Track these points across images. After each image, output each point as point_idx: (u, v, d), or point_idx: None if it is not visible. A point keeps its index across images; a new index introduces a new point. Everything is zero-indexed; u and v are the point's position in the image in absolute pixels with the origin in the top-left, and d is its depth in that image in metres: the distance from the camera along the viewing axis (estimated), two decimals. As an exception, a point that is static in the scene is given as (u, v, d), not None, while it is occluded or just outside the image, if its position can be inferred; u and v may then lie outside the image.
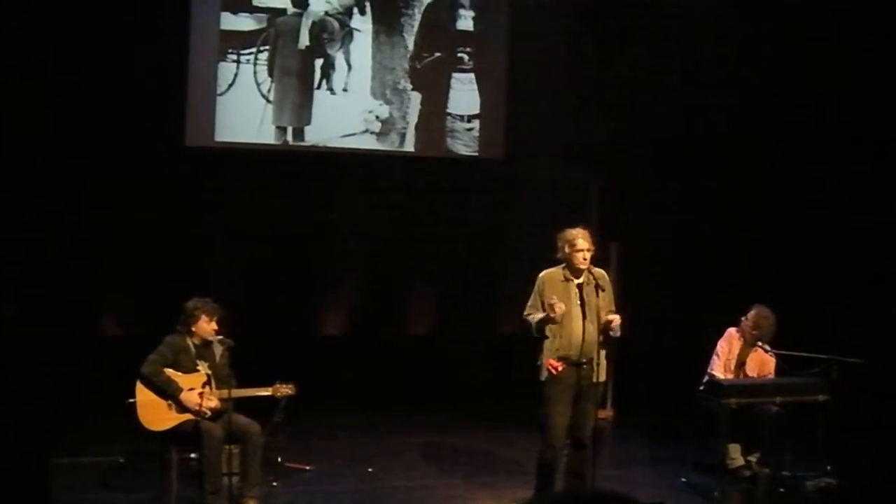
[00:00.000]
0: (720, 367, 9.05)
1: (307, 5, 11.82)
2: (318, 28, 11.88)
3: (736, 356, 9.10)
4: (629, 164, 12.20)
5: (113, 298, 11.44)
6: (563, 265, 7.74)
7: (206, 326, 7.92)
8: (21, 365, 8.02)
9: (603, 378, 7.90)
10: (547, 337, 7.68)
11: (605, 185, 12.02)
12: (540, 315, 7.69)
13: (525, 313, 7.84)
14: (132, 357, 7.89)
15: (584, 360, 7.63)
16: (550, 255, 7.83)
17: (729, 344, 9.13)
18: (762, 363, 9.11)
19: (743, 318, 9.10)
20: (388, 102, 12.12)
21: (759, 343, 9.04)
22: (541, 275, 7.81)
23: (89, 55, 10.80)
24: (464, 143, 12.43)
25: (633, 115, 12.22)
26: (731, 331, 9.17)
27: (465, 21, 12.42)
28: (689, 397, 9.03)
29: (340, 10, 11.95)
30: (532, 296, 7.82)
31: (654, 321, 11.51)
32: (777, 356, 9.03)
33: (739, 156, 11.93)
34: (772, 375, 9.08)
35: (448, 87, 12.37)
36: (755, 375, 9.09)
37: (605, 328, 7.71)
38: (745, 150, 11.89)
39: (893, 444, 9.77)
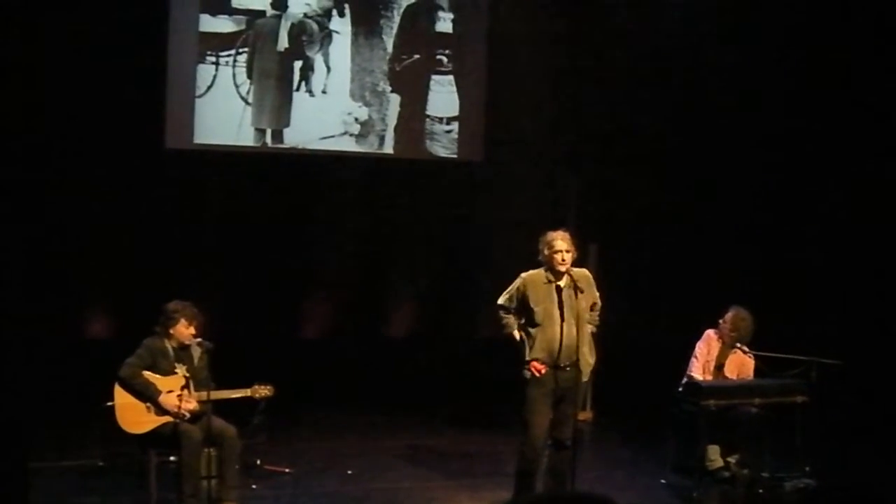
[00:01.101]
0: (699, 369, 9.05)
1: (286, 7, 11.79)
2: (297, 30, 11.85)
3: (714, 358, 9.10)
4: (608, 166, 12.21)
5: (91, 301, 11.40)
6: (545, 267, 7.77)
7: (185, 331, 7.88)
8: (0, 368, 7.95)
9: (585, 379, 7.92)
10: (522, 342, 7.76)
11: (585, 186, 12.03)
12: (512, 333, 7.79)
13: (501, 303, 7.86)
14: (111, 360, 7.86)
15: (565, 364, 7.66)
16: (532, 257, 7.84)
17: (707, 345, 9.13)
18: (741, 365, 9.12)
19: (720, 320, 9.11)
20: (367, 104, 12.10)
21: (738, 344, 9.04)
22: (523, 275, 7.82)
23: (68, 57, 10.75)
24: (443, 144, 12.43)
25: (612, 116, 12.23)
26: (710, 332, 9.17)
27: (445, 23, 12.41)
28: (668, 399, 9.05)
29: (319, 12, 11.93)
30: (510, 290, 7.83)
31: (633, 323, 11.53)
32: (756, 357, 9.04)
33: (719, 158, 11.98)
34: (750, 377, 9.09)
35: (427, 89, 12.36)
36: (734, 377, 9.09)
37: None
38: (725, 152, 11.94)
39: (872, 445, 9.83)
